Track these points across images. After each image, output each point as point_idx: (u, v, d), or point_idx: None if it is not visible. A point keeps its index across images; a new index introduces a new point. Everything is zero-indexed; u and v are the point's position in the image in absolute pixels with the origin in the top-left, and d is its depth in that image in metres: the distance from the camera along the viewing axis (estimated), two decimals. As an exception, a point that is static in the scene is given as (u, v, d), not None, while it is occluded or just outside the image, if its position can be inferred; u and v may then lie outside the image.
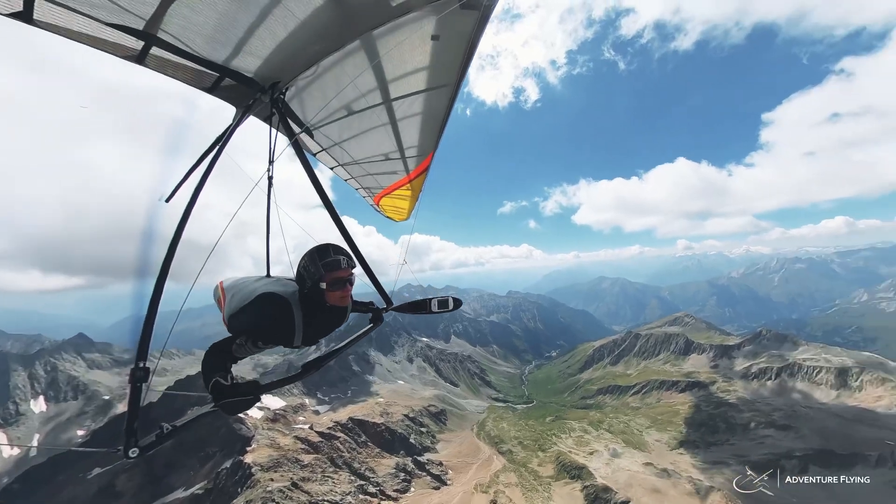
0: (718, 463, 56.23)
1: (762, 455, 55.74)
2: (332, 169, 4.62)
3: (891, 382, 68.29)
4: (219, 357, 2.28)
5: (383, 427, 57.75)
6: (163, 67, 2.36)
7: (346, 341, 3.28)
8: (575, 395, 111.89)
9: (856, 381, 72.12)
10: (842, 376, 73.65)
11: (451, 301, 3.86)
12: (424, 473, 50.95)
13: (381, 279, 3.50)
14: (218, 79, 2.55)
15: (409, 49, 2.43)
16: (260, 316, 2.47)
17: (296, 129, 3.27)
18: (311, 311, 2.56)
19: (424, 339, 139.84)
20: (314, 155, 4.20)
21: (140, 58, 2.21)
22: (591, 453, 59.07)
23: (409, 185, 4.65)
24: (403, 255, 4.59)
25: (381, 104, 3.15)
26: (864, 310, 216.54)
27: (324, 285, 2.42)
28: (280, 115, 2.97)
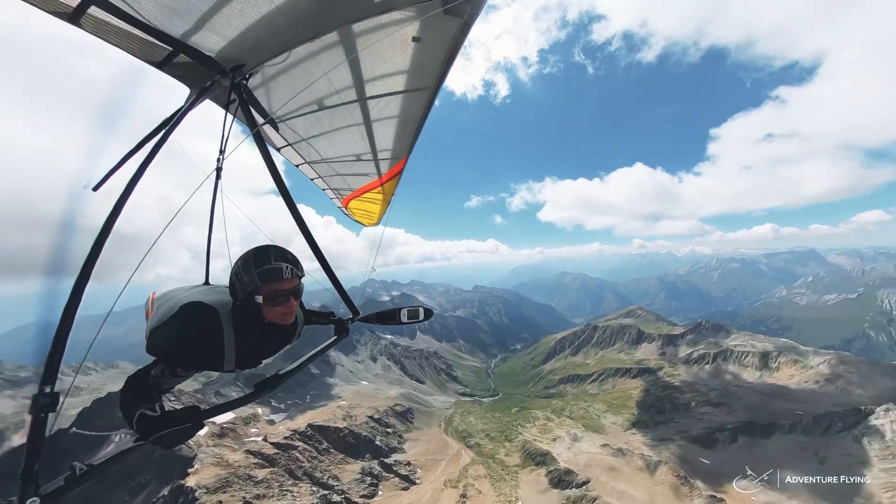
0: (665, 439, 63.05)
1: (701, 430, 63.53)
2: (297, 166, 4.38)
3: (801, 363, 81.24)
4: (138, 389, 1.87)
5: (346, 431, 56.36)
6: (103, 32, 2.02)
7: (307, 357, 2.90)
8: (539, 385, 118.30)
9: (774, 362, 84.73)
10: (764, 359, 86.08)
11: (421, 311, 3.70)
12: (392, 475, 50.72)
13: (340, 275, 3.28)
14: (171, 54, 2.27)
15: (388, 48, 2.36)
16: (181, 329, 1.98)
17: (259, 119, 3.04)
18: (247, 327, 2.07)
19: (388, 336, 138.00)
20: (278, 150, 3.96)
21: (74, 17, 1.87)
22: (554, 439, 62.89)
23: (380, 188, 4.48)
24: (372, 260, 4.35)
25: (356, 102, 3.03)
26: (783, 303, 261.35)
27: (260, 299, 1.92)
28: (241, 102, 2.73)
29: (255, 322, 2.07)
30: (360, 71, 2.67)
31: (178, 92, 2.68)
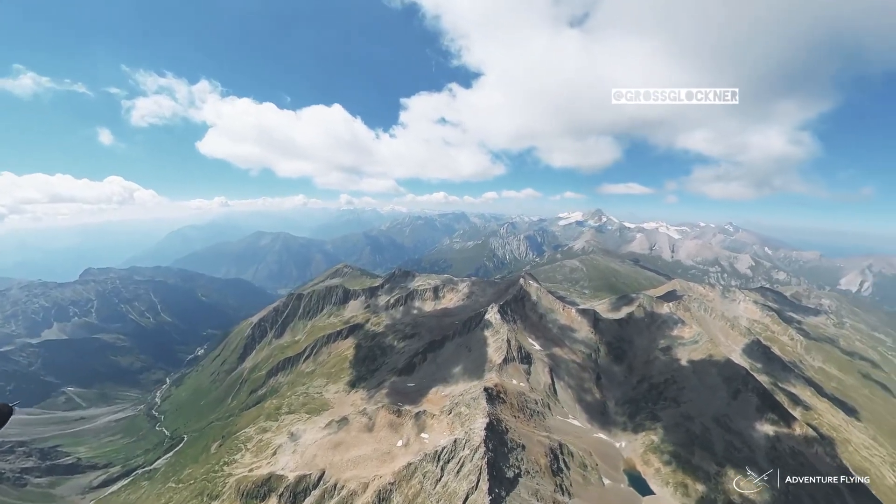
0: (380, 384, 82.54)
1: (404, 361, 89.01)
2: None
3: (456, 289, 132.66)
4: None
5: None
6: None
7: None
8: (241, 393, 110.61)
9: (442, 293, 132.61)
10: (435, 291, 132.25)
11: None
12: None
13: None
14: None
15: None
16: None
17: None
18: None
19: None
20: None
21: None
22: (275, 453, 63.48)
23: None
24: None
25: None
26: (447, 249, 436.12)
27: None
28: None
29: None
30: None
31: None
